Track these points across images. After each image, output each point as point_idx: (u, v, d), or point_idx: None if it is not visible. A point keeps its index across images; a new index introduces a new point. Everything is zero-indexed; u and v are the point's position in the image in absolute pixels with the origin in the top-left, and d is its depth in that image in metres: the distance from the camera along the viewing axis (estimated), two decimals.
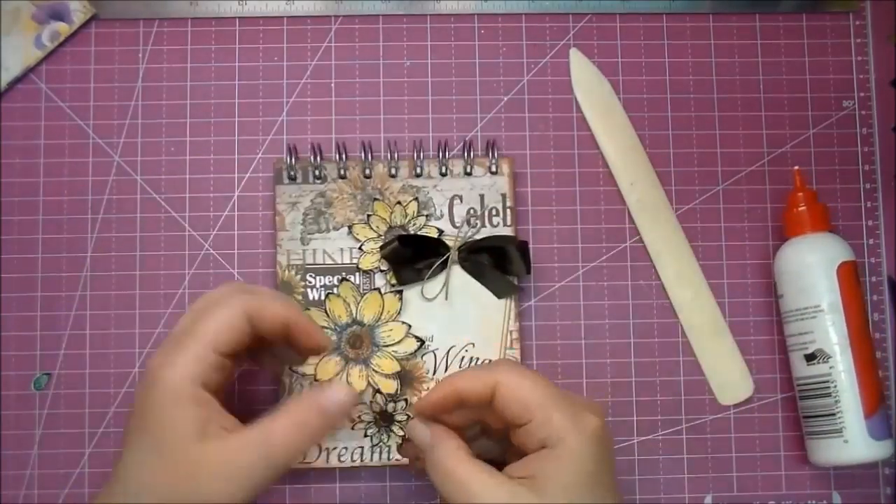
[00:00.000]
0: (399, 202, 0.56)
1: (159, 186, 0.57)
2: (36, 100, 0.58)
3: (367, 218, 0.56)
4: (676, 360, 0.57)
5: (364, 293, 0.55)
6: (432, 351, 0.55)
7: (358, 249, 0.55)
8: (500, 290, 0.55)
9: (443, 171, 0.56)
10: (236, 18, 0.59)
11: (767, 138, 0.59)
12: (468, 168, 0.57)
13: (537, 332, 0.57)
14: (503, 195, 0.56)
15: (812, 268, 0.54)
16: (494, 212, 0.56)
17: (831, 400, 0.53)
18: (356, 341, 0.54)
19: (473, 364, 0.55)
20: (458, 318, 0.55)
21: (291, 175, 0.56)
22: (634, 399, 0.57)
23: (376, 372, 0.54)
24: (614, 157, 0.58)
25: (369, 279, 0.55)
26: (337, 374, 0.54)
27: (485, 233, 0.56)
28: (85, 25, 0.58)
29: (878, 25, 0.60)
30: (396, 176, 0.56)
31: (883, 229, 0.59)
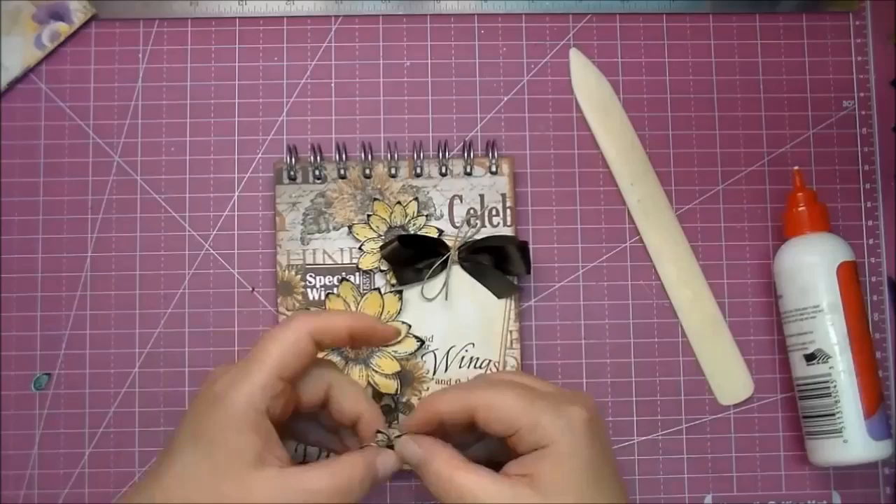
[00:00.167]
0: (399, 202, 0.56)
1: (159, 186, 0.57)
2: (36, 100, 0.58)
3: (367, 218, 0.56)
4: (676, 360, 0.57)
5: (364, 293, 0.55)
6: (432, 351, 0.55)
7: (358, 249, 0.55)
8: (500, 291, 0.55)
9: (443, 171, 0.56)
10: (236, 18, 0.59)
11: (767, 138, 0.59)
12: (468, 168, 0.57)
13: (537, 332, 0.57)
14: (503, 195, 0.56)
15: (812, 268, 0.54)
16: (494, 212, 0.56)
17: (831, 400, 0.53)
18: None
19: (473, 364, 0.55)
20: (458, 319, 0.55)
21: (291, 175, 0.56)
22: (634, 399, 0.57)
23: (376, 372, 0.54)
24: (614, 157, 0.58)
25: (369, 279, 0.55)
26: None
27: (485, 233, 0.56)
28: (85, 25, 0.58)
29: (878, 25, 0.60)
30: (396, 176, 0.56)
31: (883, 229, 0.59)
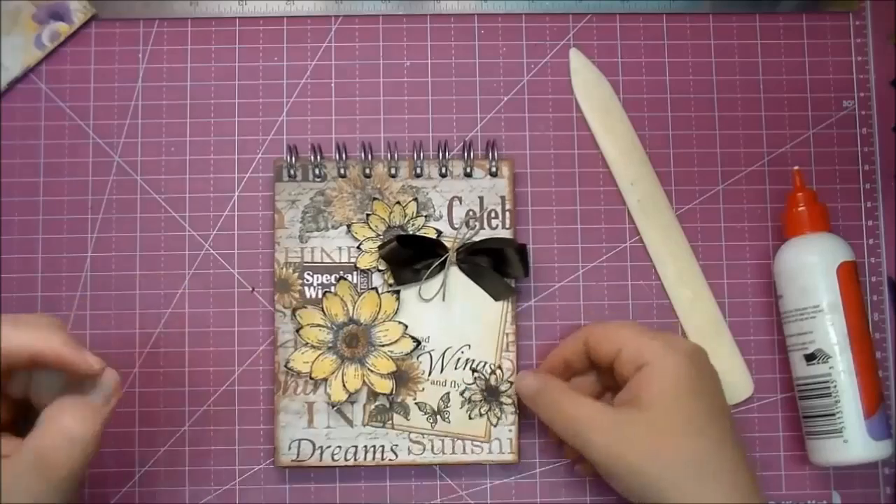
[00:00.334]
0: (398, 202, 0.56)
1: (159, 186, 0.57)
2: (36, 100, 0.58)
3: (367, 217, 0.56)
4: None
5: (361, 292, 0.55)
6: (428, 352, 0.55)
7: (356, 248, 0.55)
8: (498, 293, 0.55)
9: (442, 172, 0.56)
10: (236, 18, 0.59)
11: (767, 138, 0.59)
12: (468, 169, 0.56)
13: (537, 333, 0.57)
14: (502, 197, 0.56)
15: (812, 268, 0.54)
16: (493, 214, 0.56)
17: (831, 400, 0.53)
18: (352, 340, 0.54)
19: (468, 365, 0.55)
20: (455, 320, 0.55)
21: (291, 173, 0.56)
22: None
23: (372, 371, 0.54)
24: (614, 157, 0.58)
25: (367, 278, 0.55)
26: (332, 373, 0.54)
27: (483, 235, 0.56)
28: (85, 25, 0.58)
29: (878, 25, 0.60)
30: (396, 176, 0.56)
31: (883, 229, 0.59)
